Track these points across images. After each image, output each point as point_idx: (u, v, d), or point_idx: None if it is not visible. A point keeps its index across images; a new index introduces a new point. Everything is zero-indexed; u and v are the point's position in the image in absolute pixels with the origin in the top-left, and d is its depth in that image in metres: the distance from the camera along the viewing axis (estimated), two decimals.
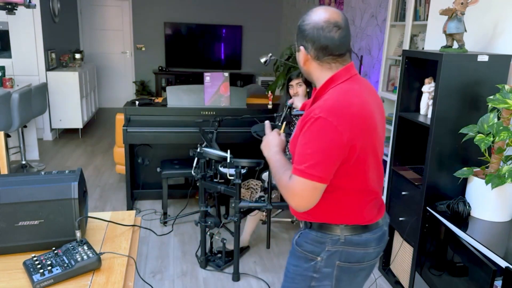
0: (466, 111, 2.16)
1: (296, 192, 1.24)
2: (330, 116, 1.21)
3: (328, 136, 1.21)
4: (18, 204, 1.29)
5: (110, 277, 1.25)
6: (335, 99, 1.26)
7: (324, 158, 1.21)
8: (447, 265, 2.06)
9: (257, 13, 8.27)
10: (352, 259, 1.38)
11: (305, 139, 1.24)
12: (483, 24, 2.37)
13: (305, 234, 1.42)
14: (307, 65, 1.36)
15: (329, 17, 1.30)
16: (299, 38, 1.35)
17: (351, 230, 1.36)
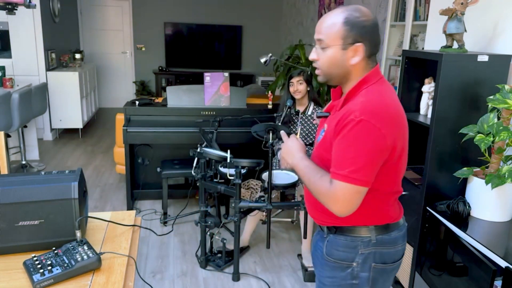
0: (466, 111, 2.16)
1: (340, 198, 1.20)
2: (373, 118, 1.17)
3: (371, 139, 1.18)
4: (18, 204, 1.29)
5: (110, 277, 1.25)
6: (373, 100, 1.22)
7: (367, 162, 1.19)
8: (447, 265, 2.06)
9: (257, 13, 8.27)
10: (386, 259, 1.36)
11: (346, 142, 1.19)
12: (483, 24, 2.37)
13: (333, 241, 1.37)
14: (358, 64, 1.27)
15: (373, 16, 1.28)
16: (356, 34, 1.23)
17: (381, 230, 1.35)
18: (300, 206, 2.64)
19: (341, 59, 1.27)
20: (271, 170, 2.51)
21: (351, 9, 1.24)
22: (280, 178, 2.82)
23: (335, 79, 1.33)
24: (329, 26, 1.25)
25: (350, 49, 1.25)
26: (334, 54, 1.26)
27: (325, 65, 1.29)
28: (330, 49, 1.26)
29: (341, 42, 1.24)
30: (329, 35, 1.25)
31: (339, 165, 1.20)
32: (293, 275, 2.80)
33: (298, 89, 3.03)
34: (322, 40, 1.26)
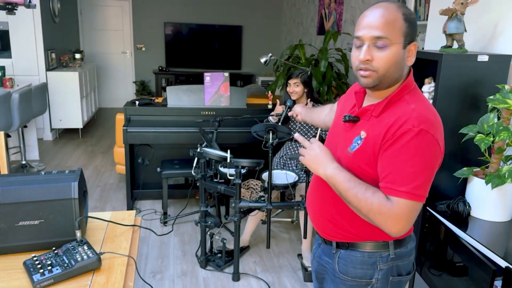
0: (466, 111, 2.16)
1: (403, 217, 1.10)
2: (431, 129, 1.10)
3: (431, 151, 1.10)
4: (18, 204, 1.29)
5: (110, 277, 1.25)
6: (426, 108, 1.15)
7: (429, 176, 1.11)
8: (447, 265, 2.06)
9: (257, 13, 8.27)
10: (401, 271, 1.30)
11: (406, 155, 1.09)
12: (483, 24, 2.37)
13: (347, 258, 1.28)
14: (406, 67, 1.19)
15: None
16: (413, 32, 1.15)
17: (400, 243, 1.27)
18: (300, 206, 2.64)
19: (402, 58, 1.15)
20: (271, 170, 2.51)
21: (401, 5, 1.15)
22: (280, 178, 2.82)
23: (387, 82, 1.18)
24: (391, 21, 1.11)
25: (408, 48, 1.15)
26: (397, 52, 1.13)
27: (383, 65, 1.14)
28: (392, 47, 1.12)
29: (403, 40, 1.13)
30: (392, 32, 1.11)
31: (400, 181, 1.09)
32: (293, 275, 2.80)
33: (294, 90, 3.04)
34: (383, 37, 1.11)
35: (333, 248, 1.32)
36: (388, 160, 1.12)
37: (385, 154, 1.12)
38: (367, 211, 1.13)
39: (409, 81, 1.20)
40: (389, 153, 1.12)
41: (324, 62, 3.98)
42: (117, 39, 7.95)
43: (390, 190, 1.11)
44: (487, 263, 1.72)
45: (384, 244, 1.26)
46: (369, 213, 1.13)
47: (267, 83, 7.70)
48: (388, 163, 1.12)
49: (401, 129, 1.10)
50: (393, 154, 1.11)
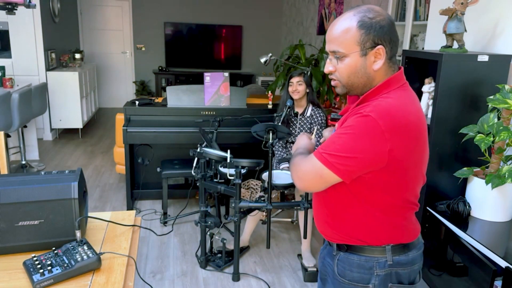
0: (466, 111, 2.16)
1: (305, 170, 1.17)
2: (381, 118, 1.08)
3: (369, 136, 1.08)
4: (18, 204, 1.29)
5: (110, 277, 1.25)
6: (392, 103, 1.12)
7: (355, 155, 1.10)
8: (447, 265, 2.06)
9: (257, 13, 8.27)
10: (402, 280, 1.27)
11: (343, 130, 1.12)
12: (483, 24, 2.38)
13: (345, 261, 1.27)
14: (380, 69, 1.16)
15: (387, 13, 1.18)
16: (375, 37, 1.12)
17: (398, 250, 1.24)
18: (300, 206, 2.64)
19: (362, 66, 1.15)
20: (271, 170, 2.51)
21: (363, 10, 1.13)
22: (280, 178, 2.82)
23: (357, 89, 1.20)
24: (343, 33, 1.13)
25: (370, 53, 1.14)
26: (354, 62, 1.15)
27: (344, 75, 1.17)
28: (348, 58, 1.15)
29: (360, 48, 1.13)
30: (344, 43, 1.13)
31: (325, 146, 1.15)
32: (293, 275, 2.80)
33: (297, 89, 3.03)
34: (337, 50, 1.15)
35: (334, 249, 1.31)
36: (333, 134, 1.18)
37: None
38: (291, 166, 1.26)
39: (391, 80, 1.17)
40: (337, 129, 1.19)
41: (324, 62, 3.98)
42: (117, 39, 7.95)
43: (315, 152, 1.18)
44: (487, 263, 1.72)
45: (381, 249, 1.24)
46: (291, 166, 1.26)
47: (267, 83, 7.70)
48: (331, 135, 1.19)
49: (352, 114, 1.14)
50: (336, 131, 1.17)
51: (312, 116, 3.09)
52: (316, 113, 3.09)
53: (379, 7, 1.16)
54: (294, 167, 1.23)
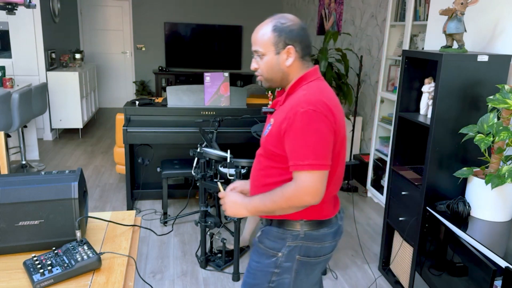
0: (466, 111, 2.16)
1: (312, 187, 1.27)
2: (318, 107, 1.28)
3: (321, 124, 1.28)
4: (18, 204, 1.29)
5: (110, 277, 1.25)
6: (313, 93, 1.33)
7: (324, 146, 1.28)
8: (447, 265, 2.06)
9: (257, 13, 8.27)
10: (310, 253, 1.45)
11: (301, 133, 1.28)
12: (483, 24, 2.38)
13: (267, 231, 1.47)
14: (293, 66, 1.39)
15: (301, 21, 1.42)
16: (286, 38, 1.36)
17: (310, 225, 1.42)
18: None
19: (277, 63, 1.39)
20: None
21: (277, 17, 1.38)
22: None
23: (277, 82, 1.43)
24: (261, 36, 1.37)
25: (282, 52, 1.37)
26: (270, 60, 1.39)
27: (264, 71, 1.41)
28: (266, 56, 1.39)
29: (274, 48, 1.37)
30: (263, 44, 1.37)
31: (301, 156, 1.27)
32: None
33: None
34: (258, 50, 1.39)
35: (263, 224, 1.52)
36: (288, 142, 1.31)
37: (286, 137, 1.32)
38: (287, 203, 1.31)
39: (308, 74, 1.41)
40: (288, 136, 1.31)
41: (324, 62, 3.98)
42: (117, 39, 7.95)
43: (295, 167, 1.29)
44: (487, 263, 1.72)
45: (295, 223, 1.42)
46: (289, 202, 1.30)
47: None
48: (288, 144, 1.31)
49: (293, 113, 1.30)
50: (290, 136, 1.30)
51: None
52: None
53: (292, 15, 1.41)
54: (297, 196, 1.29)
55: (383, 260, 2.80)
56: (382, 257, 2.80)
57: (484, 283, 1.74)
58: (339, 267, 2.91)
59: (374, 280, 2.75)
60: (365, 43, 4.81)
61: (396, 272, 2.66)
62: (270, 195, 1.34)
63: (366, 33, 4.80)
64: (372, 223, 3.61)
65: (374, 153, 4.06)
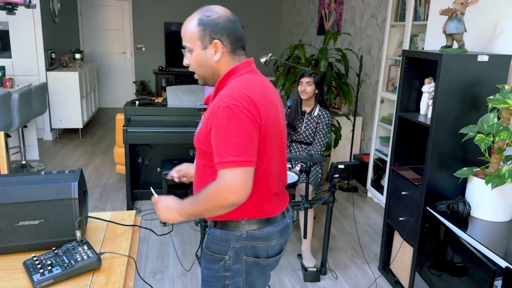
0: (466, 111, 2.16)
1: (235, 184, 1.18)
2: (239, 101, 1.21)
3: (242, 119, 1.20)
4: (18, 204, 1.29)
5: (110, 277, 1.25)
6: (239, 86, 1.26)
7: (247, 141, 1.20)
8: (447, 265, 2.06)
9: (257, 13, 8.27)
10: (258, 254, 1.39)
11: (222, 129, 1.20)
12: (483, 24, 2.38)
13: (211, 234, 1.42)
14: (222, 61, 1.31)
15: (230, 12, 1.34)
16: (211, 32, 1.28)
17: (253, 224, 1.36)
18: (300, 206, 2.64)
19: (205, 58, 1.31)
20: None
21: (203, 10, 1.30)
22: None
23: (209, 79, 1.36)
24: (188, 30, 1.30)
25: (209, 47, 1.29)
26: (198, 55, 1.31)
27: (195, 67, 1.35)
28: (194, 52, 1.32)
29: (200, 43, 1.29)
30: (190, 39, 1.30)
31: (223, 153, 1.19)
32: (293, 275, 2.80)
33: (306, 89, 3.04)
34: (186, 45, 1.32)
35: (209, 226, 1.46)
36: (212, 139, 1.24)
37: (211, 134, 1.24)
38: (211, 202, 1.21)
39: (237, 67, 1.32)
40: (212, 132, 1.23)
41: (324, 62, 3.98)
42: (117, 39, 7.95)
43: (218, 165, 1.20)
44: (487, 263, 1.72)
45: (237, 223, 1.35)
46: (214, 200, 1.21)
47: None
48: (213, 141, 1.23)
49: (216, 108, 1.23)
50: (214, 132, 1.23)
51: (319, 116, 3.09)
52: (324, 113, 3.10)
53: (221, 7, 1.33)
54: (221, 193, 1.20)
55: (383, 260, 2.80)
56: (382, 257, 2.80)
57: (484, 283, 1.74)
58: (339, 267, 2.91)
59: (374, 280, 2.75)
60: (365, 43, 4.81)
61: (396, 272, 2.66)
62: (197, 196, 1.26)
63: (366, 33, 4.80)
64: (372, 223, 3.61)
65: (374, 153, 4.06)
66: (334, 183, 2.61)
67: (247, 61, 1.35)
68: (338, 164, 2.55)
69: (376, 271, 2.86)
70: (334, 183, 2.61)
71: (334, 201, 2.68)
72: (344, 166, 2.56)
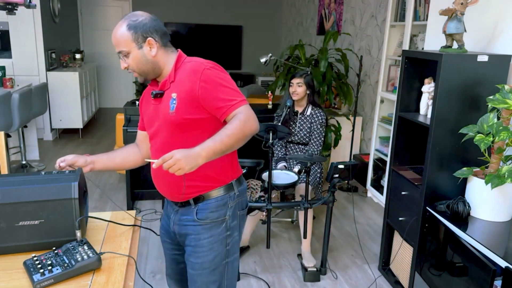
0: (466, 111, 2.16)
1: (253, 114, 1.40)
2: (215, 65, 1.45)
3: (226, 72, 1.46)
4: (18, 204, 1.29)
5: (110, 277, 1.25)
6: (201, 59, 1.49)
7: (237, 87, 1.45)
8: (447, 265, 2.06)
9: (257, 13, 8.27)
10: (243, 206, 1.61)
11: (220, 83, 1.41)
12: (483, 24, 2.38)
13: (204, 208, 1.52)
14: (158, 54, 1.47)
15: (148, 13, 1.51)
16: (143, 33, 1.44)
17: (239, 181, 1.59)
18: (300, 206, 2.64)
19: (143, 55, 1.46)
20: (271, 170, 2.51)
21: (128, 17, 1.46)
22: (280, 178, 2.83)
23: (150, 73, 1.50)
24: (120, 37, 1.45)
25: (144, 45, 1.45)
26: (136, 55, 1.45)
27: (135, 67, 1.48)
28: (131, 53, 1.45)
29: (135, 44, 1.44)
30: (124, 44, 1.44)
31: (233, 97, 1.40)
32: (293, 275, 2.81)
33: (296, 90, 3.05)
34: (122, 50, 1.46)
35: (192, 205, 1.53)
36: (213, 98, 1.40)
37: (208, 97, 1.40)
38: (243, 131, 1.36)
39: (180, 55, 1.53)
40: (210, 94, 1.40)
41: (324, 62, 3.98)
42: None
43: (233, 106, 1.39)
44: (487, 263, 1.72)
45: (230, 185, 1.54)
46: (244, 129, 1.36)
47: (267, 83, 7.70)
48: (215, 99, 1.40)
49: (199, 74, 1.40)
50: (213, 92, 1.40)
51: (312, 116, 3.10)
52: (316, 112, 3.10)
53: (141, 11, 1.51)
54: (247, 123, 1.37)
55: (383, 260, 2.80)
56: (382, 257, 2.80)
57: (484, 283, 1.74)
58: (339, 267, 2.91)
59: (374, 280, 2.75)
60: (365, 43, 4.81)
61: (396, 272, 2.66)
62: (224, 132, 1.34)
63: (366, 33, 4.80)
64: (372, 223, 3.61)
65: (374, 153, 4.06)
66: (334, 183, 2.61)
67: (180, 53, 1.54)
68: (338, 164, 2.55)
69: (376, 271, 2.86)
70: (334, 183, 2.61)
71: (334, 201, 2.68)
72: (344, 166, 2.56)
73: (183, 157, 1.27)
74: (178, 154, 1.27)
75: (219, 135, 1.34)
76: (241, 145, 1.40)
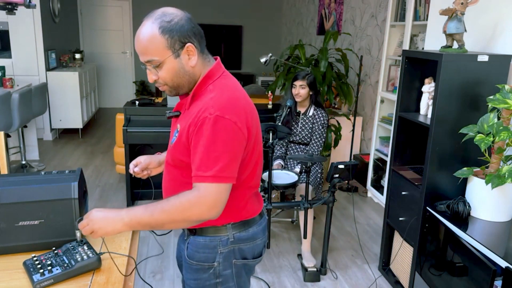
0: (466, 111, 2.16)
1: (212, 200, 1.13)
2: (227, 113, 1.14)
3: (230, 134, 1.14)
4: (18, 204, 1.29)
5: (110, 277, 1.25)
6: (224, 95, 1.19)
7: (231, 158, 1.15)
8: (447, 265, 2.06)
9: (257, 13, 8.27)
10: (246, 255, 1.36)
11: (207, 141, 1.13)
12: (483, 24, 2.38)
13: (193, 243, 1.33)
14: (198, 61, 1.23)
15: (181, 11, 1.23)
16: (180, 37, 1.17)
17: (238, 227, 1.32)
18: (300, 206, 2.64)
19: (181, 66, 1.20)
20: (271, 170, 2.51)
21: (159, 16, 1.16)
22: (280, 178, 2.83)
23: (184, 87, 1.25)
24: (150, 43, 1.16)
25: (183, 53, 1.19)
26: (172, 66, 1.19)
27: (169, 79, 1.22)
28: (165, 64, 1.19)
29: (171, 52, 1.17)
30: (156, 51, 1.16)
31: (204, 167, 1.13)
32: (293, 275, 2.80)
33: (299, 92, 3.05)
34: (153, 60, 1.18)
35: (185, 234, 1.38)
36: (193, 149, 1.17)
37: (192, 144, 1.17)
38: (183, 213, 1.14)
39: (212, 71, 1.25)
40: (194, 143, 1.16)
41: (324, 62, 3.98)
42: (117, 39, 7.95)
43: (197, 178, 1.14)
44: (487, 263, 1.72)
45: (223, 228, 1.30)
46: (185, 212, 1.14)
47: (267, 83, 7.70)
48: (193, 152, 1.17)
49: (200, 118, 1.15)
50: (196, 143, 1.16)
51: (314, 116, 3.10)
52: (319, 113, 3.10)
53: (173, 8, 1.20)
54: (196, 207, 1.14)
55: (383, 260, 2.80)
56: (382, 257, 2.80)
57: (484, 283, 1.74)
58: (339, 267, 2.91)
59: (374, 280, 2.75)
60: (365, 43, 4.81)
61: (396, 272, 2.66)
62: (160, 204, 1.15)
63: (366, 33, 4.80)
64: (372, 223, 3.61)
65: (374, 153, 4.06)
66: (334, 183, 2.61)
67: (218, 63, 1.30)
68: (338, 164, 2.55)
69: (376, 271, 2.86)
70: (334, 183, 2.61)
71: (334, 201, 2.68)
72: (344, 166, 2.56)
73: (100, 219, 1.15)
74: (96, 214, 1.16)
75: (154, 205, 1.15)
76: (180, 227, 1.22)
